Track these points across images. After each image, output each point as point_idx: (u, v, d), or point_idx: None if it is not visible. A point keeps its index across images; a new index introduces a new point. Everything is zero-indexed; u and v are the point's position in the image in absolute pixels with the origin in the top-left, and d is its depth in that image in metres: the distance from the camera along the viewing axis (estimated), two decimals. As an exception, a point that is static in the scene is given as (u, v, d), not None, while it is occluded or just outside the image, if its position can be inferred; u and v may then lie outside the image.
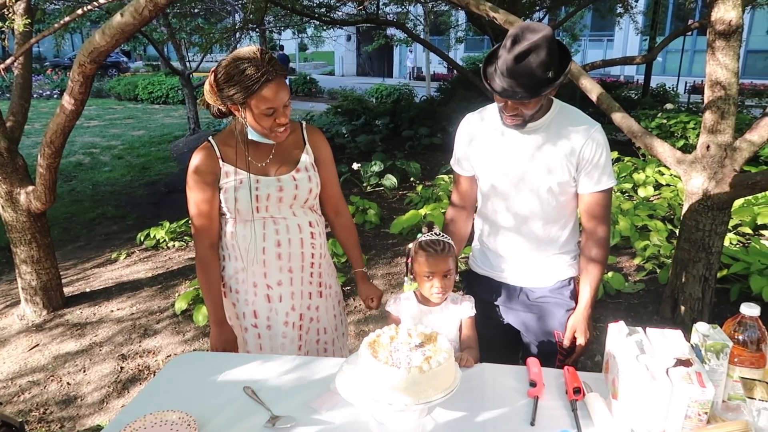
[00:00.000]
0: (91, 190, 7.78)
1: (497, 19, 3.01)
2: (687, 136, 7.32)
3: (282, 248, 1.83)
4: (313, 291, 1.94)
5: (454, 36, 15.07)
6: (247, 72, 1.58)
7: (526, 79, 1.53)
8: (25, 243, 3.72)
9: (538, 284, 1.87)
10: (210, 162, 1.76)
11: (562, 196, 1.76)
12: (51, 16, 9.66)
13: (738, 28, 2.78)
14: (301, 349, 1.93)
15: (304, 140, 1.87)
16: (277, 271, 1.85)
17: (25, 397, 3.00)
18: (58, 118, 3.21)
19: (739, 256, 3.87)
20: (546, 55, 1.51)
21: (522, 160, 1.74)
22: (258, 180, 1.77)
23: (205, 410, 1.46)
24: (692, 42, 19.02)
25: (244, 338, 1.93)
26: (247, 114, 1.67)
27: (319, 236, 1.91)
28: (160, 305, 3.97)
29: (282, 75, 1.64)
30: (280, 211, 1.81)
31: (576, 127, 1.70)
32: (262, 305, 1.88)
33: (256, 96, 1.61)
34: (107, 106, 16.79)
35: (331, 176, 1.95)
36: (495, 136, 1.78)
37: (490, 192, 1.84)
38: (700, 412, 1.24)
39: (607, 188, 1.75)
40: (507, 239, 1.86)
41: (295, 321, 1.90)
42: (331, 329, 2.04)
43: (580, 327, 1.81)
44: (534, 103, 1.61)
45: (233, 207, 1.77)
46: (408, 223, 4.90)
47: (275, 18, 10.66)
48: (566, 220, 1.83)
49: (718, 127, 2.94)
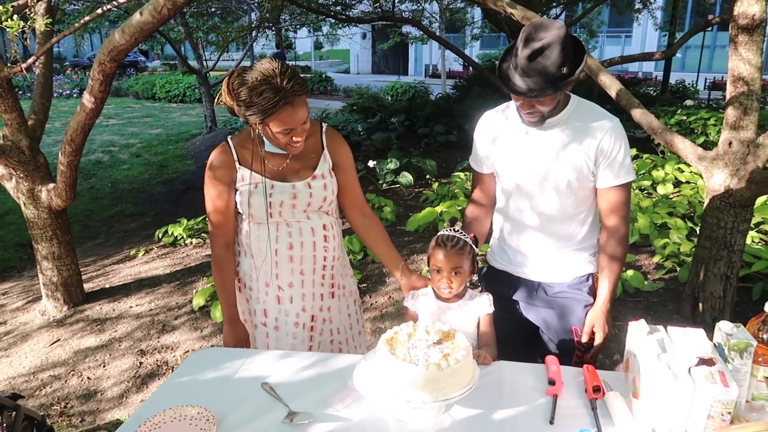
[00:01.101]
0: (110, 188, 7.88)
1: (514, 16, 2.99)
2: (707, 132, 7.21)
3: (294, 251, 1.83)
4: (325, 292, 1.93)
5: (469, 33, 15.00)
6: (265, 95, 1.54)
7: (541, 76, 1.53)
8: (46, 239, 3.78)
9: (556, 279, 1.86)
10: (227, 163, 1.77)
11: (581, 191, 1.76)
12: (71, 16, 9.79)
13: (762, 22, 2.72)
14: (311, 350, 1.93)
15: (323, 145, 1.84)
16: (288, 273, 1.85)
17: (46, 391, 3.05)
18: (78, 116, 3.25)
19: (761, 255, 3.81)
20: (559, 52, 1.51)
21: (543, 156, 1.73)
22: (273, 185, 1.76)
23: (224, 405, 1.47)
24: (712, 38, 18.74)
25: (254, 335, 1.94)
26: (264, 130, 1.65)
27: (333, 239, 1.90)
28: (178, 301, 4.01)
29: (302, 94, 1.60)
30: (294, 215, 1.81)
31: (594, 122, 1.70)
32: (272, 305, 1.89)
33: (274, 118, 1.59)
34: (125, 105, 17.00)
35: (352, 180, 1.92)
36: (516, 134, 1.78)
37: (512, 189, 1.83)
38: (723, 412, 1.22)
39: (626, 182, 1.74)
40: (527, 235, 1.86)
41: (305, 322, 1.90)
42: (345, 328, 2.03)
43: (599, 322, 1.80)
44: (550, 99, 1.60)
45: (247, 210, 1.78)
46: (424, 221, 4.89)
47: (291, 16, 10.69)
48: (585, 216, 1.82)
49: (740, 123, 2.88)
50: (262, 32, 10.87)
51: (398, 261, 1.95)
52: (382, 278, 4.18)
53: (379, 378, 1.41)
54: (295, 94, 1.57)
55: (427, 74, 24.19)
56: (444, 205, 5.11)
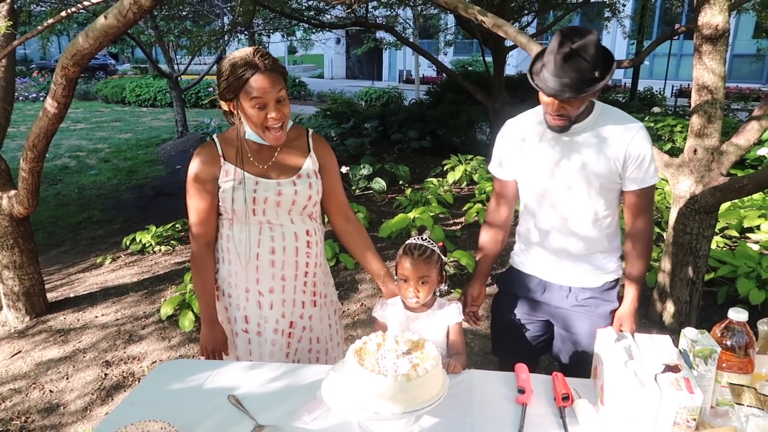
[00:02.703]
0: (77, 194, 7.69)
1: (485, 23, 3.01)
2: (674, 139, 7.37)
3: (276, 255, 1.80)
4: (307, 300, 1.90)
5: (443, 39, 15.08)
6: (237, 65, 1.61)
7: (574, 77, 1.57)
8: (7, 248, 3.66)
9: (586, 284, 1.88)
10: (211, 159, 1.76)
11: (609, 193, 1.79)
12: (37, 18, 9.56)
13: (725, 32, 2.79)
14: (288, 357, 1.90)
15: (309, 147, 1.85)
16: (269, 278, 1.83)
17: (6, 405, 2.94)
18: (40, 122, 3.16)
19: (726, 259, 3.89)
20: (593, 55, 1.56)
21: (570, 161, 1.76)
22: (257, 182, 1.75)
23: (189, 420, 1.43)
24: (679, 46, 19.20)
25: (234, 342, 1.90)
26: (241, 108, 1.67)
27: (316, 245, 1.88)
28: (145, 311, 3.92)
29: (273, 71, 1.63)
30: (278, 216, 1.79)
31: (620, 126, 1.73)
32: (254, 311, 1.86)
33: (244, 88, 1.62)
34: (94, 109, 16.66)
35: (337, 185, 1.94)
36: (542, 139, 1.80)
37: (540, 195, 1.85)
38: (688, 419, 1.23)
39: (652, 185, 1.78)
40: (556, 239, 1.87)
41: (284, 328, 1.87)
42: (325, 338, 2.00)
43: (627, 321, 1.83)
44: (579, 102, 1.64)
45: (230, 207, 1.75)
46: (397, 227, 4.88)
47: (264, 21, 10.62)
48: (612, 220, 1.85)
49: (705, 131, 2.95)
50: (235, 36, 10.75)
51: (381, 268, 1.94)
52: (354, 285, 4.15)
53: (348, 389, 1.39)
54: (265, 66, 1.61)
55: (400, 80, 24.28)
56: (417, 211, 5.11)
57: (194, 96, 16.76)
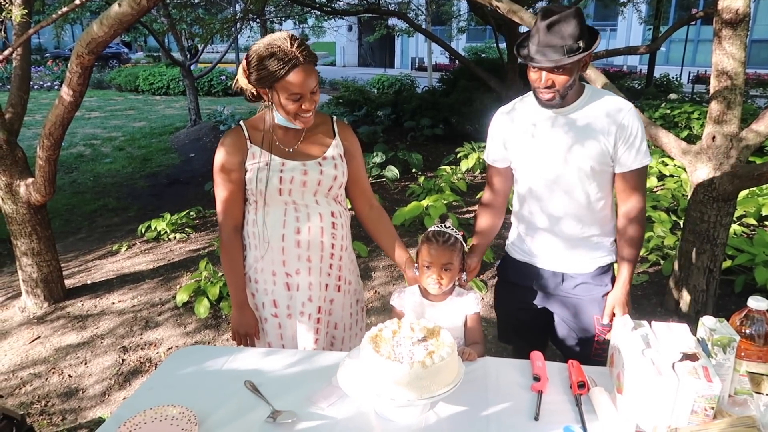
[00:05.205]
0: (92, 182, 7.76)
1: (500, 9, 2.97)
2: (691, 126, 7.28)
3: (301, 235, 1.81)
4: (331, 284, 1.90)
5: (456, 26, 14.97)
6: (276, 57, 1.61)
7: (558, 44, 1.61)
8: (25, 235, 3.71)
9: (579, 270, 1.88)
10: (238, 142, 1.78)
11: (601, 176, 1.78)
12: (51, 7, 9.60)
13: (745, 16, 2.73)
14: (317, 343, 1.88)
15: (334, 132, 1.87)
16: (295, 259, 1.83)
17: (26, 389, 3.00)
18: (56, 110, 3.18)
19: (744, 248, 3.85)
20: (576, 25, 1.60)
21: (562, 143, 1.75)
22: (284, 163, 1.77)
23: (206, 405, 1.45)
24: (696, 32, 18.90)
25: (263, 329, 1.90)
26: (274, 98, 1.69)
27: (341, 228, 1.88)
28: (161, 297, 3.97)
29: (310, 62, 1.64)
30: (303, 197, 1.79)
31: (610, 107, 1.73)
32: (282, 294, 1.86)
33: (283, 81, 1.62)
34: (108, 98, 16.75)
35: (361, 170, 1.95)
36: (534, 123, 1.80)
37: (533, 180, 1.84)
38: (706, 407, 1.22)
39: (644, 166, 1.76)
40: (550, 225, 1.87)
41: (312, 312, 1.86)
42: (343, 326, 1.99)
43: (620, 303, 1.82)
44: (566, 72, 1.64)
45: (256, 188, 1.77)
46: (410, 215, 4.88)
47: (276, 8, 10.59)
48: (605, 203, 1.84)
49: (724, 118, 2.90)
50: (247, 24, 10.74)
51: (404, 254, 1.95)
52: (367, 273, 4.16)
53: (364, 376, 1.39)
54: (304, 59, 1.62)
55: (413, 67, 24.15)
56: (430, 198, 5.10)
57: (207, 84, 16.80)
